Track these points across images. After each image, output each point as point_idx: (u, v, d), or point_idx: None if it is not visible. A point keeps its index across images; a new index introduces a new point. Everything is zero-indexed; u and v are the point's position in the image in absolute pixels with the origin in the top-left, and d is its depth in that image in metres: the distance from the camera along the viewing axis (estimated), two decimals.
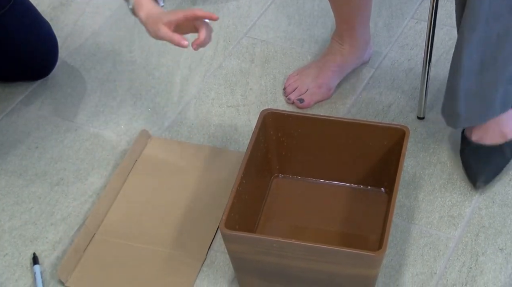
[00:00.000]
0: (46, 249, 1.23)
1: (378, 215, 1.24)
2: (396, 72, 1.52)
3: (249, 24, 1.64)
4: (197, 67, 1.54)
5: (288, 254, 1.09)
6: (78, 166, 1.36)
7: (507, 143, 1.29)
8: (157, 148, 1.38)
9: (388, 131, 1.23)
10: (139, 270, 1.20)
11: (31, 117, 1.45)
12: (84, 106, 1.47)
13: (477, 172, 1.27)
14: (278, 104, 1.46)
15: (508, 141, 1.29)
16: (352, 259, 1.08)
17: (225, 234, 1.10)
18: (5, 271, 1.21)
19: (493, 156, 1.27)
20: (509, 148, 1.29)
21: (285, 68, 1.53)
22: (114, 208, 1.28)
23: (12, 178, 1.34)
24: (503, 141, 1.28)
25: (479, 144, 1.28)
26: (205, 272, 1.20)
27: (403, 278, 1.19)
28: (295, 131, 1.26)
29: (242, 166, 1.17)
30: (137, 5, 1.19)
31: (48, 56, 1.49)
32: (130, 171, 1.33)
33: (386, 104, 1.46)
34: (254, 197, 1.24)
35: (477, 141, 1.29)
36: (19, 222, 1.27)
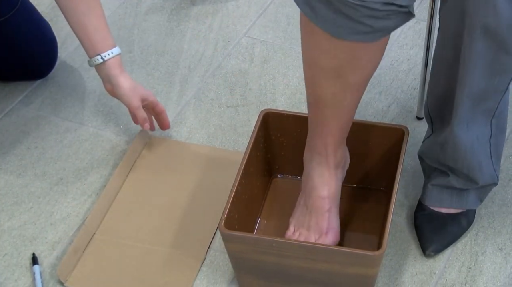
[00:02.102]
0: (45, 249, 1.23)
1: (378, 215, 1.24)
2: (396, 72, 1.52)
3: (249, 24, 1.64)
4: (196, 67, 1.55)
5: (287, 253, 1.09)
6: (78, 166, 1.36)
7: (464, 212, 1.22)
8: (156, 148, 1.38)
9: (387, 131, 1.23)
10: (139, 269, 1.20)
11: (31, 117, 1.45)
12: (84, 106, 1.47)
13: (429, 241, 1.20)
14: (278, 104, 1.46)
15: (464, 211, 1.22)
16: (351, 259, 1.08)
17: (225, 233, 1.10)
18: (5, 271, 1.21)
19: (448, 225, 1.20)
20: (465, 218, 1.22)
21: (284, 68, 1.53)
22: (114, 208, 1.28)
23: (12, 178, 1.34)
24: (460, 211, 1.22)
25: (435, 212, 1.22)
26: (204, 271, 1.20)
27: (402, 278, 1.19)
28: (295, 131, 1.26)
29: (242, 166, 1.17)
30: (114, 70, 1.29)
31: (47, 56, 1.49)
32: (129, 171, 1.33)
33: (385, 104, 1.46)
34: (254, 197, 1.24)
35: (433, 208, 1.22)
36: (18, 222, 1.27)
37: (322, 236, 1.15)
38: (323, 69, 1.03)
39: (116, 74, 1.29)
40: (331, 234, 1.15)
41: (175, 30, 1.63)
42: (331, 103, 1.07)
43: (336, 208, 1.17)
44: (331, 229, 1.16)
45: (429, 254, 1.19)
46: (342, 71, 1.03)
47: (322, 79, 1.05)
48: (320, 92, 1.06)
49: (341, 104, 1.07)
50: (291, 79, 1.51)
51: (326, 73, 1.03)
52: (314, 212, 1.15)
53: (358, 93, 1.08)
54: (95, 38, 1.28)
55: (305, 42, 1.05)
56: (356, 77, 1.04)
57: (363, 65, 1.03)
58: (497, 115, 1.13)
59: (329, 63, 1.02)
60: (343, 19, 0.96)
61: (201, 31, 1.62)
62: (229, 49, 1.58)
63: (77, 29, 1.28)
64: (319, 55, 1.02)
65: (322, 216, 1.15)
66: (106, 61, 1.29)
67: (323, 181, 1.15)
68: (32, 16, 1.47)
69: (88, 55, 1.30)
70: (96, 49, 1.28)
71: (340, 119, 1.10)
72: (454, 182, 1.19)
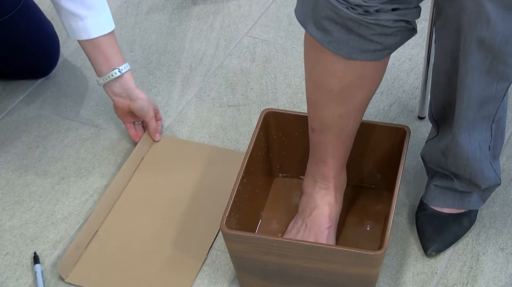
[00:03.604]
0: (46, 249, 1.23)
1: (379, 215, 1.24)
2: (397, 71, 1.52)
3: (250, 24, 1.63)
4: (198, 66, 1.54)
5: (288, 253, 1.09)
6: (79, 165, 1.36)
7: (466, 212, 1.22)
8: (161, 147, 1.38)
9: (388, 130, 1.23)
10: (140, 267, 1.20)
11: (32, 116, 1.45)
12: (85, 105, 1.47)
13: (431, 241, 1.20)
14: (279, 104, 1.46)
15: (466, 211, 1.22)
16: (353, 259, 1.08)
17: (226, 233, 1.10)
18: (6, 270, 1.21)
19: (449, 225, 1.20)
20: (467, 218, 1.22)
21: (286, 68, 1.53)
22: (118, 206, 1.28)
23: (13, 177, 1.34)
24: (462, 211, 1.22)
25: (437, 211, 1.22)
26: (205, 271, 1.20)
27: (404, 278, 1.19)
28: (296, 131, 1.26)
29: (243, 166, 1.17)
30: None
31: (49, 55, 1.49)
32: (135, 170, 1.33)
33: (387, 104, 1.46)
34: (255, 197, 1.24)
35: (435, 207, 1.22)
36: (19, 221, 1.27)
37: None
38: (331, 91, 1.07)
39: (133, 87, 1.33)
40: None
41: (176, 29, 1.63)
42: (336, 126, 1.11)
43: (334, 230, 1.18)
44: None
45: (430, 253, 1.19)
46: (349, 92, 1.07)
47: (330, 101, 1.08)
48: (325, 116, 1.10)
49: (345, 127, 1.12)
50: (292, 79, 1.51)
51: (334, 95, 1.07)
52: (314, 229, 1.16)
53: (360, 115, 1.12)
54: (110, 54, 1.30)
55: (312, 66, 1.08)
56: (362, 97, 1.09)
57: (369, 84, 1.08)
58: (496, 120, 1.13)
59: (338, 85, 1.06)
60: (355, 39, 1.01)
61: (202, 30, 1.62)
62: (230, 49, 1.58)
63: (90, 47, 1.29)
64: (328, 78, 1.06)
65: (322, 233, 1.16)
66: (124, 74, 1.31)
67: (325, 202, 1.17)
68: (34, 15, 1.47)
69: (100, 73, 1.32)
70: (112, 64, 1.30)
71: (344, 142, 1.14)
72: (457, 185, 1.19)
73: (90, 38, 1.28)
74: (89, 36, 1.28)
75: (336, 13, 0.99)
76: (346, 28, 1.00)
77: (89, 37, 1.28)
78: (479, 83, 1.05)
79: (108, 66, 1.30)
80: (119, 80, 1.32)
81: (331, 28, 1.00)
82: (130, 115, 1.36)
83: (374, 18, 0.98)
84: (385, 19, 0.99)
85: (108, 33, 1.29)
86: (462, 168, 1.16)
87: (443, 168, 1.19)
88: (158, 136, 1.38)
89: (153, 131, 1.37)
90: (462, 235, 1.22)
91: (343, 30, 1.00)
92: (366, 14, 0.98)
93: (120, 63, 1.31)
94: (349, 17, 0.98)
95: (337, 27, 1.00)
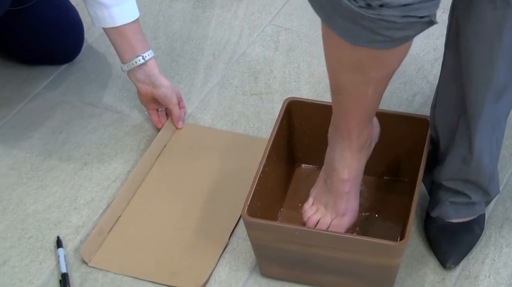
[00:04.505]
0: (69, 233, 1.25)
1: (401, 206, 1.23)
2: (421, 62, 1.51)
3: (274, 12, 1.63)
4: (221, 54, 1.54)
5: (309, 242, 1.10)
6: (102, 151, 1.37)
7: (475, 219, 1.20)
8: (184, 134, 1.38)
9: (412, 121, 1.23)
10: (162, 253, 1.21)
11: (56, 101, 1.46)
12: (109, 91, 1.48)
13: (448, 253, 1.17)
14: (302, 93, 1.46)
15: (476, 217, 1.20)
16: (374, 249, 1.07)
17: (247, 221, 1.10)
18: (29, 253, 1.22)
19: (462, 234, 1.18)
20: (477, 224, 1.20)
21: (309, 57, 1.53)
22: (140, 192, 1.29)
23: (37, 161, 1.35)
24: (472, 218, 1.20)
25: (447, 222, 1.19)
26: (226, 258, 1.20)
27: (425, 269, 1.19)
28: (319, 120, 1.26)
29: (265, 154, 1.17)
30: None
31: (74, 41, 1.50)
32: (158, 156, 1.34)
33: (410, 94, 1.45)
34: (277, 185, 1.24)
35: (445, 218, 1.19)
36: (43, 206, 1.29)
37: (338, 217, 1.14)
38: (344, 64, 1.01)
39: (157, 74, 1.33)
40: (348, 216, 1.14)
41: (200, 17, 1.63)
42: (353, 93, 1.05)
43: (356, 190, 1.14)
44: (348, 211, 1.14)
45: (449, 267, 1.17)
46: (363, 68, 1.00)
47: (343, 72, 1.03)
48: (342, 83, 1.04)
49: (364, 95, 1.05)
50: (316, 68, 1.51)
51: (347, 67, 1.01)
52: (333, 193, 1.14)
53: (382, 85, 1.05)
54: (134, 40, 1.30)
55: (325, 40, 1.02)
56: (378, 73, 1.02)
57: (385, 64, 1.01)
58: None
59: (350, 60, 1.00)
60: (361, 30, 0.92)
61: (226, 18, 1.62)
62: (254, 37, 1.57)
63: (115, 34, 1.30)
64: (339, 54, 1.00)
65: (341, 198, 1.13)
66: (148, 61, 1.31)
67: (344, 164, 1.12)
68: (59, 1, 1.48)
69: (124, 59, 1.32)
70: (136, 51, 1.31)
71: (363, 108, 1.08)
72: (473, 199, 1.17)
73: (115, 26, 1.29)
74: (114, 24, 1.29)
75: (338, 3, 0.90)
76: (350, 19, 0.91)
77: (114, 25, 1.29)
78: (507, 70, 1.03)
79: (132, 53, 1.31)
80: (143, 67, 1.32)
81: (335, 16, 0.93)
82: (154, 102, 1.37)
83: (377, 13, 0.88)
84: (390, 15, 0.88)
85: (132, 21, 1.30)
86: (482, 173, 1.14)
87: (462, 179, 1.16)
88: (180, 123, 1.38)
89: (176, 118, 1.37)
90: (476, 243, 1.20)
91: (347, 20, 0.92)
92: (368, 8, 0.88)
93: (144, 50, 1.32)
94: (350, 9, 0.89)
95: (340, 15, 0.91)
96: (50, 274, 1.19)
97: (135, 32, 1.30)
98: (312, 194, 1.18)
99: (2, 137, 1.39)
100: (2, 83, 1.49)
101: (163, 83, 1.34)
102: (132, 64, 1.32)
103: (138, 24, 1.31)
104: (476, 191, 1.17)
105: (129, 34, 1.30)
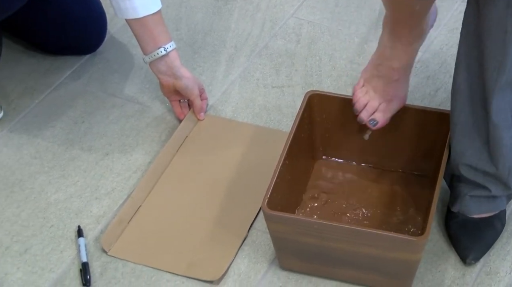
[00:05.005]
0: (90, 223, 1.25)
1: (422, 201, 1.23)
2: (445, 56, 1.50)
3: (296, 5, 1.63)
4: (243, 46, 1.54)
5: (329, 236, 1.09)
6: (123, 142, 1.38)
7: (496, 214, 1.19)
8: (205, 126, 1.39)
9: (434, 115, 1.22)
10: (181, 243, 1.21)
11: (78, 91, 1.47)
12: (131, 82, 1.49)
13: (468, 249, 1.17)
14: (323, 86, 1.45)
15: (497, 213, 1.19)
16: (394, 244, 1.07)
17: (267, 213, 1.10)
18: (51, 242, 1.23)
19: (483, 230, 1.18)
20: (498, 220, 1.19)
21: (331, 50, 1.52)
22: (161, 182, 1.29)
23: (59, 151, 1.37)
24: (493, 214, 1.19)
25: (468, 218, 1.19)
26: (246, 251, 1.21)
27: (445, 265, 1.18)
28: (340, 114, 1.26)
29: (286, 147, 1.17)
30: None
31: (97, 31, 1.51)
32: (179, 147, 1.35)
33: (433, 89, 1.44)
34: (297, 178, 1.24)
35: (466, 214, 1.19)
36: (64, 195, 1.30)
37: (386, 102, 1.19)
38: None
39: (179, 65, 1.34)
40: (395, 102, 1.20)
41: (222, 9, 1.62)
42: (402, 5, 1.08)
43: (406, 78, 1.18)
44: (396, 97, 1.19)
45: (469, 262, 1.17)
46: None
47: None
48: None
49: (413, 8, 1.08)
50: (337, 61, 1.50)
51: None
52: (383, 78, 1.18)
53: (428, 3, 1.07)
54: (156, 32, 1.30)
55: None
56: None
57: None
58: None
59: None
60: None
61: (248, 10, 1.62)
62: (276, 29, 1.57)
63: (137, 25, 1.31)
64: None
65: (390, 84, 1.18)
66: (169, 52, 1.31)
67: (395, 54, 1.16)
68: None
69: (146, 51, 1.33)
70: (158, 42, 1.31)
71: (415, 17, 1.10)
72: (493, 192, 1.16)
73: (138, 17, 1.29)
74: (137, 15, 1.29)
75: None
76: None
77: (136, 16, 1.29)
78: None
79: (154, 44, 1.31)
80: (165, 58, 1.32)
81: None
82: (176, 93, 1.37)
83: None
84: None
85: (155, 12, 1.30)
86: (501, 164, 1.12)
87: (482, 171, 1.15)
88: (202, 115, 1.38)
89: (197, 110, 1.38)
90: (497, 239, 1.19)
91: None
92: None
93: (166, 42, 1.32)
94: None
95: None
96: (70, 263, 1.20)
97: (157, 23, 1.31)
98: (363, 75, 1.21)
99: (25, 126, 1.41)
100: (26, 73, 1.50)
101: (184, 74, 1.34)
102: (154, 55, 1.32)
103: (160, 16, 1.32)
104: (496, 184, 1.16)
105: (151, 25, 1.30)
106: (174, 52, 1.33)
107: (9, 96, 1.46)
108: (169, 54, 1.32)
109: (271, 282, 1.17)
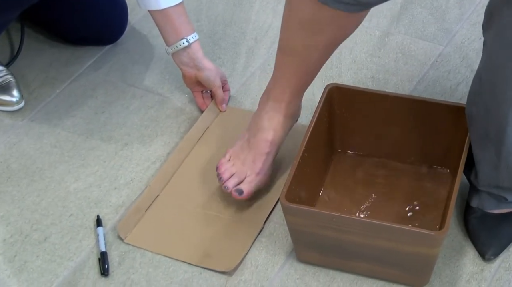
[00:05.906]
0: (109, 212, 1.26)
1: (441, 195, 1.22)
2: (466, 50, 1.49)
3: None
4: (263, 38, 1.54)
5: (347, 229, 1.09)
6: (142, 132, 1.38)
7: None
8: (225, 117, 1.39)
9: (454, 110, 1.21)
10: (196, 233, 1.22)
11: (99, 82, 1.48)
12: (151, 73, 1.49)
13: (487, 245, 1.16)
14: (343, 79, 1.45)
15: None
16: (413, 238, 1.07)
17: (285, 206, 1.10)
18: (70, 231, 1.24)
19: (503, 226, 1.17)
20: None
21: (351, 43, 1.51)
22: (180, 173, 1.30)
23: (79, 140, 1.37)
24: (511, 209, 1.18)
25: (487, 213, 1.18)
26: (263, 243, 1.21)
27: (463, 259, 1.17)
28: (360, 107, 1.25)
29: (305, 140, 1.17)
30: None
31: (118, 22, 1.51)
32: (200, 137, 1.35)
33: (454, 83, 1.43)
34: (316, 171, 1.23)
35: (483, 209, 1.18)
36: (84, 185, 1.30)
37: (253, 175, 1.21)
38: (303, 24, 1.09)
39: (201, 57, 1.34)
40: (262, 176, 1.22)
41: (243, 0, 1.62)
42: (300, 54, 1.13)
43: (274, 154, 1.22)
44: (263, 171, 1.22)
45: (488, 258, 1.16)
46: (320, 28, 1.08)
47: (299, 29, 1.10)
48: (293, 40, 1.13)
49: (309, 59, 1.14)
50: (358, 54, 1.50)
51: (303, 25, 1.09)
52: (254, 151, 1.21)
53: (327, 52, 1.14)
54: (178, 23, 1.31)
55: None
56: (332, 36, 1.10)
57: (342, 28, 1.10)
58: None
59: (310, 20, 1.08)
60: None
61: (269, 2, 1.61)
62: None
63: (159, 16, 1.31)
64: (302, 13, 1.08)
65: (260, 157, 1.21)
66: (191, 43, 1.31)
67: (271, 126, 1.21)
68: None
69: (168, 42, 1.33)
70: (180, 34, 1.31)
71: (304, 71, 1.16)
72: (510, 199, 1.15)
73: (160, 8, 1.29)
74: (159, 7, 1.29)
75: None
76: None
77: (158, 7, 1.29)
78: None
79: (176, 35, 1.31)
80: (187, 49, 1.33)
81: None
82: (198, 84, 1.37)
83: None
84: None
85: (177, 3, 1.30)
86: None
87: (495, 186, 1.15)
88: (224, 106, 1.38)
89: (219, 101, 1.38)
90: None
91: None
92: None
93: (189, 33, 1.32)
94: None
95: None
96: (89, 252, 1.21)
97: (179, 14, 1.31)
98: (230, 151, 1.23)
99: (46, 115, 1.42)
100: (47, 63, 1.51)
101: (206, 65, 1.34)
102: (176, 46, 1.32)
103: (183, 7, 1.32)
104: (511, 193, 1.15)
105: (174, 16, 1.30)
106: (197, 44, 1.34)
107: (30, 86, 1.47)
108: (192, 45, 1.33)
109: (288, 275, 1.17)
